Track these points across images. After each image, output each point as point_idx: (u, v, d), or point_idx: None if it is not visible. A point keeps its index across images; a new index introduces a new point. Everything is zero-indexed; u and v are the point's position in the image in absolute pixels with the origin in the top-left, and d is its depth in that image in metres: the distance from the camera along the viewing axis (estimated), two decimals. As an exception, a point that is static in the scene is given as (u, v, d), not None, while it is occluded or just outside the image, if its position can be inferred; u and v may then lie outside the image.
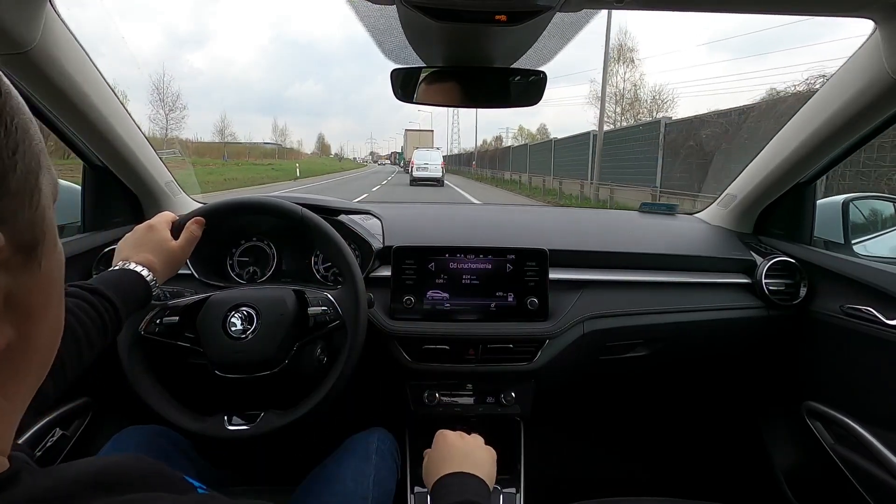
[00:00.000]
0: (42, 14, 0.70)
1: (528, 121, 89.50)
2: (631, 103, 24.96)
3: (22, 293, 0.27)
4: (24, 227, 0.27)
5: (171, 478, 0.36)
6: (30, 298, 0.28)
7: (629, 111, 24.81)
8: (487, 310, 1.02)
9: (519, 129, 65.65)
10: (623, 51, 24.70)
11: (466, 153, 44.73)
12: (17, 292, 0.27)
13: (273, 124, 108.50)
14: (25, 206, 0.27)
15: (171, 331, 0.82)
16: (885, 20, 0.73)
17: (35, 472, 0.28)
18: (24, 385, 0.30)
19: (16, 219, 0.26)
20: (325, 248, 0.87)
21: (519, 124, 71.22)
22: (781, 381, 1.20)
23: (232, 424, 0.80)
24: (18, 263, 0.27)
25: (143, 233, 0.76)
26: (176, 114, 36.32)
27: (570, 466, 1.43)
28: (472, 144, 54.29)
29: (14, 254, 0.26)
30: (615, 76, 25.14)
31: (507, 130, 70.31)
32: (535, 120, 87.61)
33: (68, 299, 0.58)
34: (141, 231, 0.76)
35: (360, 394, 1.18)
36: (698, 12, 0.75)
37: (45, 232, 0.29)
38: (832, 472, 1.01)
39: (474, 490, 0.62)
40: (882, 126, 0.89)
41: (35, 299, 0.29)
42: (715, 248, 1.19)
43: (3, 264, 0.26)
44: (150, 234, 0.76)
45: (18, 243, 0.26)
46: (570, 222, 1.39)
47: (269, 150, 73.22)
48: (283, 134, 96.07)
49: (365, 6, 0.71)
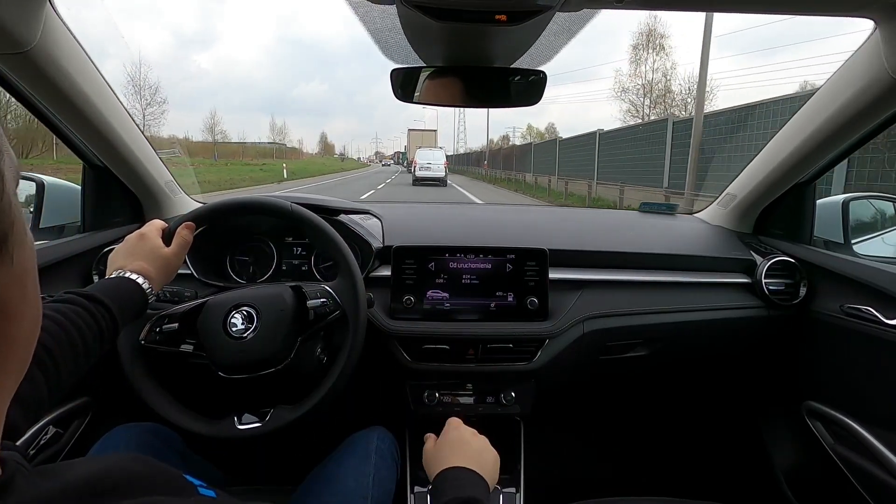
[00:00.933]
0: (42, 14, 0.70)
1: (536, 119, 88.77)
2: (662, 95, 22.55)
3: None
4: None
5: (170, 477, 0.36)
6: (4, 294, 0.26)
7: (660, 104, 22.34)
8: (487, 310, 1.02)
9: (528, 128, 63.34)
10: (653, 37, 22.56)
11: (475, 152, 42.14)
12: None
13: (271, 123, 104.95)
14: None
15: (172, 338, 0.82)
16: (885, 20, 0.73)
17: (29, 476, 0.27)
18: (4, 384, 0.28)
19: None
20: (318, 242, 0.87)
21: (527, 123, 69.56)
22: (781, 380, 1.20)
23: (243, 424, 0.80)
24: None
25: (135, 242, 0.75)
26: (154, 109, 31.23)
27: (570, 466, 1.42)
28: (479, 144, 51.81)
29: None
30: (643, 64, 22.98)
31: (513, 130, 68.50)
32: (542, 119, 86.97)
33: (66, 306, 0.58)
34: (133, 240, 0.76)
35: (360, 393, 1.18)
36: (698, 12, 0.75)
37: (13, 222, 0.26)
38: (832, 472, 1.01)
39: (482, 489, 0.62)
40: (882, 126, 0.89)
41: (9, 294, 0.27)
42: (715, 248, 1.19)
43: None
44: (141, 242, 0.75)
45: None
46: (570, 222, 1.39)
47: (266, 150, 70.92)
48: (281, 132, 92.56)
49: (365, 6, 0.71)
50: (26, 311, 0.29)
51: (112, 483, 0.30)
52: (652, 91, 22.75)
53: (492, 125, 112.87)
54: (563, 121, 74.08)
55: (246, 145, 69.95)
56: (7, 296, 0.27)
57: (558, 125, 63.26)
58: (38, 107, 0.85)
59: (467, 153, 47.97)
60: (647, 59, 22.96)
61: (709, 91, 18.59)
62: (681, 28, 76.27)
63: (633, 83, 23.69)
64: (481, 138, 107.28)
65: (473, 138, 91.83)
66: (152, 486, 0.33)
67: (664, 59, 22.82)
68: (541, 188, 16.50)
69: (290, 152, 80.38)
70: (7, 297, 0.27)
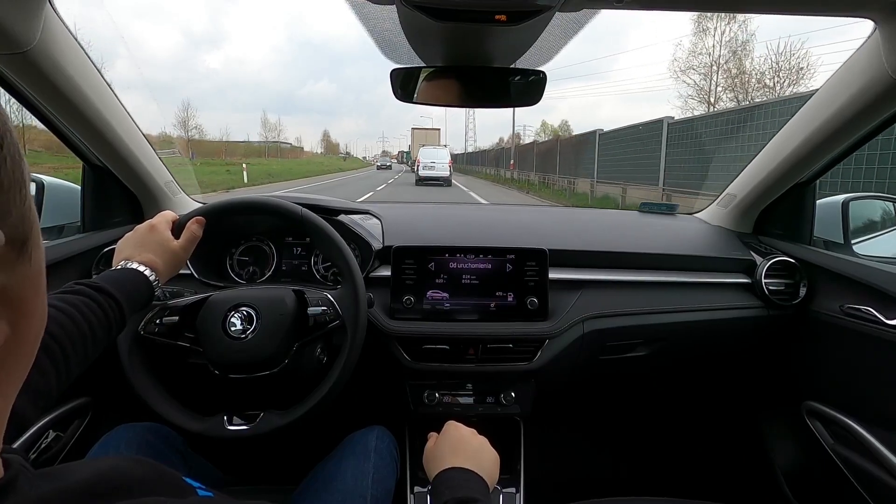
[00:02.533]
0: (42, 14, 0.70)
1: (549, 116, 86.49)
2: (738, 75, 17.01)
3: (15, 289, 0.27)
4: (16, 221, 0.26)
5: (170, 479, 0.36)
6: (22, 294, 0.28)
7: (738, 86, 16.78)
8: (487, 310, 1.02)
9: (542, 126, 59.83)
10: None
11: (493, 149, 37.86)
12: (10, 288, 0.27)
13: (262, 119, 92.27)
14: (16, 199, 0.26)
15: (171, 331, 0.82)
16: (885, 20, 0.73)
17: (32, 478, 0.28)
18: (14, 381, 0.30)
19: (10, 214, 0.26)
20: (325, 249, 0.87)
21: (542, 119, 66.85)
22: (781, 380, 1.20)
23: (232, 424, 0.80)
24: (13, 259, 0.26)
25: (145, 232, 0.76)
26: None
27: (570, 466, 1.43)
28: (487, 142, 47.73)
29: (9, 250, 0.26)
30: (708, 36, 16.70)
31: (523, 128, 65.15)
32: (555, 116, 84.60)
33: (75, 297, 0.59)
34: (142, 231, 0.76)
35: (360, 393, 1.18)
36: (698, 12, 0.75)
37: (32, 225, 0.28)
38: (832, 472, 1.01)
39: (481, 489, 0.62)
40: (882, 126, 0.89)
41: (26, 293, 0.28)
42: (715, 248, 1.19)
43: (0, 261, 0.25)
44: (151, 234, 0.76)
45: (12, 238, 0.26)
46: (569, 222, 1.39)
47: (258, 149, 64.94)
48: (275, 129, 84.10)
49: (364, 6, 0.71)
50: (38, 309, 0.30)
51: (112, 485, 0.30)
52: (720, 70, 16.89)
53: (502, 123, 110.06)
54: (573, 118, 72.43)
55: (229, 143, 61.69)
56: (25, 294, 0.28)
57: (572, 122, 60.52)
58: (37, 107, 0.85)
59: (477, 151, 44.88)
60: (717, 28, 16.58)
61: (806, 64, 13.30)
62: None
63: (699, 61, 17.94)
64: (490, 136, 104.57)
65: (483, 137, 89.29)
66: (152, 488, 0.33)
67: (738, 28, 16.27)
68: (605, 199, 11.42)
69: (289, 151, 75.79)
70: (24, 296, 0.28)
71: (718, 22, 16.63)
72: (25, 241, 0.27)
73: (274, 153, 63.20)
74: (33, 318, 0.30)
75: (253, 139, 70.69)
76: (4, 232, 0.25)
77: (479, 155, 38.88)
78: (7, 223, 0.25)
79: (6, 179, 0.25)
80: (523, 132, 63.04)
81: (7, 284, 0.26)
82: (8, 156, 0.25)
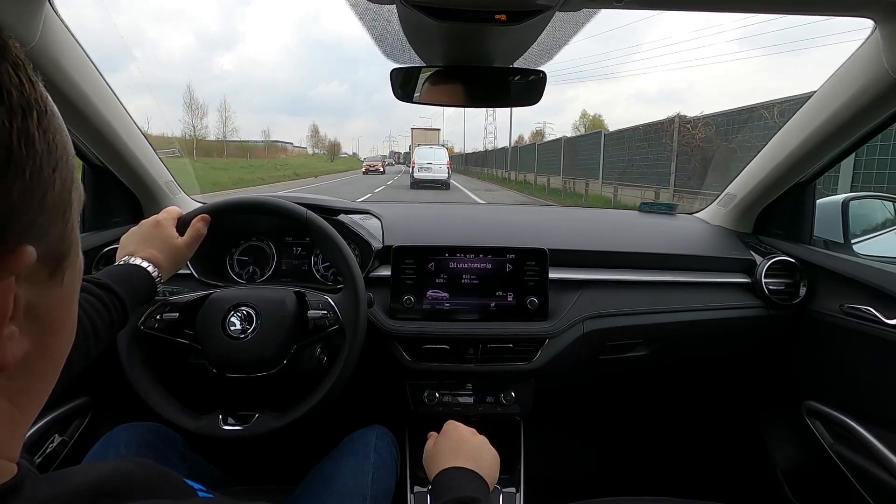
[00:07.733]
0: (41, 14, 0.70)
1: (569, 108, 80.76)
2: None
3: (44, 306, 0.27)
4: (55, 240, 0.27)
5: (172, 482, 0.36)
6: (51, 311, 0.28)
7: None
8: (487, 309, 1.02)
9: (582, 115, 51.98)
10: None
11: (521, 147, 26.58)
12: (38, 305, 0.27)
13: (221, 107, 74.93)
14: (59, 220, 0.27)
15: (171, 327, 0.82)
16: (885, 20, 0.73)
17: (37, 481, 0.28)
18: (36, 395, 0.30)
19: (49, 233, 0.26)
20: (326, 251, 0.87)
21: (582, 109, 60.35)
22: (781, 380, 1.20)
23: (228, 424, 0.80)
24: (44, 277, 0.27)
25: (149, 228, 0.76)
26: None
27: (570, 466, 1.43)
28: (507, 141, 37.24)
29: (41, 267, 0.26)
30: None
31: (544, 125, 61.94)
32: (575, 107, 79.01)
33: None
34: (147, 226, 0.76)
35: (360, 393, 1.18)
36: (699, 12, 0.75)
37: (70, 245, 0.29)
38: (832, 472, 1.01)
39: (481, 489, 0.62)
40: (882, 126, 0.89)
41: (55, 312, 0.29)
42: (715, 248, 1.19)
43: (28, 277, 0.26)
44: (156, 229, 0.76)
45: (47, 256, 0.26)
46: (569, 222, 1.39)
47: (248, 147, 58.88)
48: (265, 131, 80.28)
49: (364, 5, 0.71)
50: (66, 327, 0.31)
51: (113, 487, 0.30)
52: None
53: (523, 121, 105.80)
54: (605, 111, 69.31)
55: (230, 143, 56.28)
56: (55, 313, 0.29)
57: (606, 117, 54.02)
58: None
59: (496, 148, 37.69)
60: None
61: None
62: None
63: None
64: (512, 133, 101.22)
65: (503, 135, 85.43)
66: (153, 490, 0.33)
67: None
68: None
69: (261, 150, 68.24)
70: (54, 315, 0.29)
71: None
72: (61, 261, 0.28)
73: (240, 153, 52.57)
74: (59, 336, 0.30)
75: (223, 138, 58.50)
76: (40, 251, 0.25)
77: (503, 151, 28.92)
78: (44, 241, 0.26)
79: (52, 201, 0.26)
80: (543, 127, 58.95)
81: (35, 301, 0.27)
82: (59, 178, 0.26)
